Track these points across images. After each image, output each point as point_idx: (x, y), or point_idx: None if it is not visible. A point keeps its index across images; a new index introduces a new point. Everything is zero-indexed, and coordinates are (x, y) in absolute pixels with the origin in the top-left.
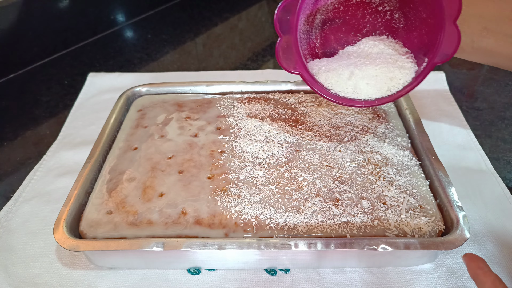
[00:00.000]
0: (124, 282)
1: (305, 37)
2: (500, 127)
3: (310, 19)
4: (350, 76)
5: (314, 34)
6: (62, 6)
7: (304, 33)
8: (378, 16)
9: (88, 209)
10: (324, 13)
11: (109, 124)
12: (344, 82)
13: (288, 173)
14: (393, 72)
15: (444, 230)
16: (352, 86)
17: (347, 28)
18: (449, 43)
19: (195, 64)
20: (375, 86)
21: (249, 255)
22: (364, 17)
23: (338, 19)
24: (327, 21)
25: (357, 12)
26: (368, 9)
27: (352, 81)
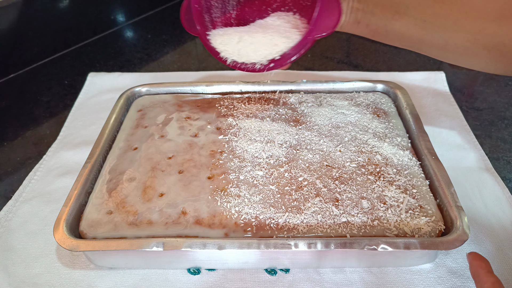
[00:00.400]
0: (124, 282)
1: (220, 6)
2: (500, 127)
3: None
4: (238, 41)
5: (231, 6)
6: (62, 6)
7: (219, 2)
8: None
9: (88, 209)
10: None
11: (109, 124)
12: (233, 46)
13: (288, 173)
14: (276, 40)
15: (444, 230)
16: (240, 50)
17: (260, 2)
18: (329, 19)
19: (195, 64)
20: (259, 52)
21: (249, 255)
22: None
23: None
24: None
25: None
26: None
27: (240, 45)
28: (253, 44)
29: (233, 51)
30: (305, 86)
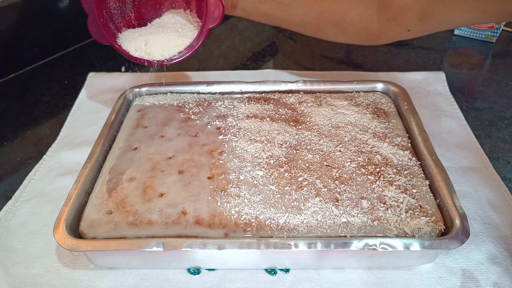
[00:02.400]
0: (124, 282)
1: (119, 12)
2: (500, 127)
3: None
4: (145, 44)
5: (128, 9)
6: (62, 6)
7: (117, 9)
8: None
9: (88, 209)
10: None
11: (109, 124)
12: (142, 49)
13: (288, 173)
14: (178, 39)
15: (444, 230)
16: (148, 52)
17: (152, 2)
18: (215, 11)
19: (195, 64)
20: (165, 50)
21: (249, 255)
22: None
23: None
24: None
25: None
26: None
27: (148, 47)
28: (159, 44)
29: (144, 53)
30: (305, 86)
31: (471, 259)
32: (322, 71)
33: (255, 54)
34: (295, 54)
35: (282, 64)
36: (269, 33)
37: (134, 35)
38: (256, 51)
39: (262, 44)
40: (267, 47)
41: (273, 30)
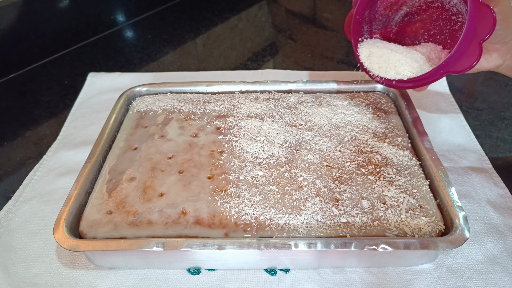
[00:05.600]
0: (124, 282)
1: (383, 20)
2: (500, 127)
3: (394, 7)
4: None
5: (394, 21)
6: (62, 6)
7: (383, 16)
8: (448, 24)
9: (88, 209)
10: (410, 7)
11: (109, 124)
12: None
13: (288, 173)
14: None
15: (444, 230)
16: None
17: (420, 25)
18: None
19: (195, 64)
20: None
21: (249, 255)
22: (437, 20)
23: (418, 15)
24: (408, 14)
25: (434, 14)
26: (444, 15)
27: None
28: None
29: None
30: (305, 86)
31: (471, 259)
32: (322, 71)
33: (255, 54)
34: (295, 54)
35: (282, 64)
36: (269, 33)
37: (376, 44)
38: (256, 51)
39: (262, 44)
40: (267, 47)
41: (273, 30)
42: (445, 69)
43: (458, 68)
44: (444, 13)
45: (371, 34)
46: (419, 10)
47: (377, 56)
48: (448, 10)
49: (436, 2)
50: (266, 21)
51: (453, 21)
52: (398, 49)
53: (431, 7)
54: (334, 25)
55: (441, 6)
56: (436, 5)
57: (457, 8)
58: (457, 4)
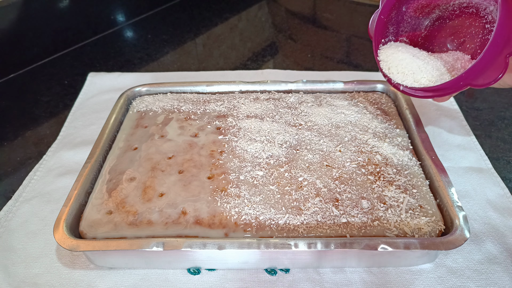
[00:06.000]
0: (124, 282)
1: (413, 23)
2: (500, 127)
3: (426, 10)
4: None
5: (425, 25)
6: (62, 6)
7: (412, 18)
8: (481, 32)
9: (88, 209)
10: (442, 11)
11: (109, 124)
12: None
13: (288, 173)
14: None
15: (444, 230)
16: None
17: (451, 31)
18: (492, 73)
19: (195, 64)
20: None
21: (249, 255)
22: (470, 27)
23: (450, 20)
24: (440, 19)
25: (467, 21)
26: (477, 22)
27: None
28: (405, 66)
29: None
30: (305, 86)
31: (471, 259)
32: (322, 71)
33: (255, 54)
34: (295, 54)
35: (282, 64)
36: (269, 33)
37: (398, 48)
38: (256, 51)
39: (262, 44)
40: (267, 47)
41: (273, 30)
42: (465, 81)
43: (478, 82)
44: (478, 21)
45: (396, 36)
46: (451, 15)
47: (397, 60)
48: (483, 17)
49: (471, 8)
50: (266, 21)
51: (486, 30)
52: (421, 55)
53: (465, 13)
54: (334, 25)
55: (476, 12)
56: (471, 11)
57: (493, 16)
58: (493, 11)
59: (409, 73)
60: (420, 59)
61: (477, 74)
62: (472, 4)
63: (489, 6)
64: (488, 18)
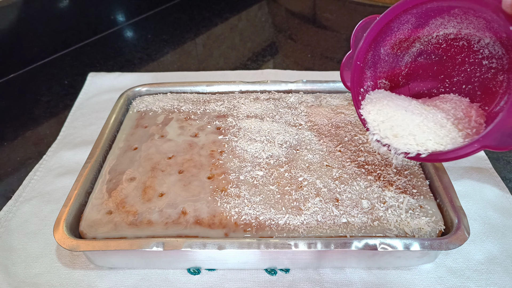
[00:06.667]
0: (124, 282)
1: (390, 60)
2: None
3: (404, 45)
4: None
5: (405, 62)
6: (62, 6)
7: (389, 55)
8: (478, 70)
9: (88, 209)
10: (424, 44)
11: (109, 124)
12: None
13: (288, 173)
14: (433, 134)
15: (444, 230)
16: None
17: (439, 69)
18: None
19: (195, 64)
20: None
21: (249, 255)
22: (463, 64)
23: (435, 55)
24: (423, 53)
25: (458, 56)
26: (471, 57)
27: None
28: (401, 126)
29: (378, 124)
30: (305, 86)
31: (471, 259)
32: (322, 71)
33: (255, 54)
34: (295, 54)
35: (282, 64)
36: (269, 33)
37: (383, 102)
38: (256, 51)
39: (262, 44)
40: (267, 47)
41: (273, 30)
42: (481, 143)
43: (500, 145)
44: (472, 56)
45: (375, 80)
46: (437, 49)
47: (387, 118)
48: (478, 51)
49: (461, 41)
50: (266, 21)
51: (484, 67)
52: (414, 107)
53: (454, 46)
54: (334, 25)
55: (468, 46)
56: (461, 44)
57: (490, 50)
58: (489, 44)
59: (407, 136)
60: (416, 115)
61: (496, 136)
62: (461, 36)
63: (484, 38)
64: (484, 53)
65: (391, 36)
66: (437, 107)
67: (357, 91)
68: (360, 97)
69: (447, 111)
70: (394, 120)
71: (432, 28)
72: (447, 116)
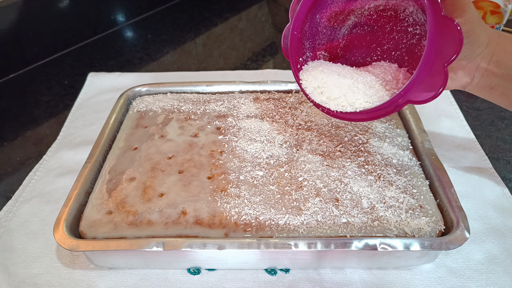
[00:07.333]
0: (124, 282)
1: (328, 33)
2: (500, 127)
3: (340, 17)
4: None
5: (342, 34)
6: (62, 6)
7: (327, 28)
8: (405, 37)
9: (88, 209)
10: (358, 17)
11: (109, 124)
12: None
13: (288, 173)
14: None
15: (444, 230)
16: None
17: (371, 38)
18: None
19: (195, 64)
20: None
21: (249, 255)
22: (391, 32)
23: (368, 26)
24: (357, 25)
25: (387, 25)
26: (398, 26)
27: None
28: (339, 89)
29: (314, 89)
30: None
31: (471, 259)
32: None
33: (255, 54)
34: None
35: (282, 64)
36: (269, 33)
37: (319, 68)
38: (256, 51)
39: (262, 44)
40: (267, 47)
41: (273, 30)
42: (404, 98)
43: (421, 98)
44: (398, 24)
45: (314, 51)
46: (369, 21)
47: (322, 82)
48: (404, 20)
49: (389, 11)
50: (266, 21)
51: (410, 34)
52: (347, 72)
53: (383, 17)
54: None
55: (395, 15)
56: (389, 14)
57: (414, 17)
58: (413, 13)
59: (340, 96)
60: (348, 78)
61: (417, 88)
62: (389, 6)
63: (408, 7)
64: (409, 21)
65: (326, 9)
66: (368, 72)
67: (296, 60)
68: (298, 66)
69: (377, 75)
70: (328, 85)
71: (364, 1)
72: (376, 79)
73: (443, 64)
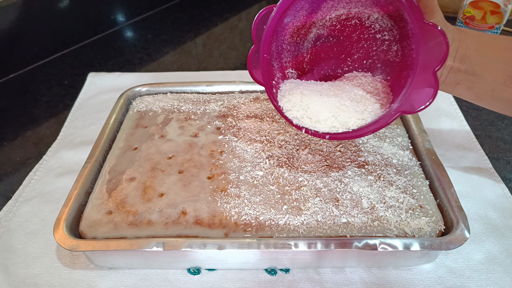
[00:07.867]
0: (124, 282)
1: (292, 49)
2: (500, 127)
3: (302, 31)
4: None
5: (306, 48)
6: (62, 6)
7: (290, 44)
8: (374, 44)
9: (88, 209)
10: (320, 28)
11: (109, 124)
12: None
13: (288, 173)
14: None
15: (444, 230)
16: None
17: (339, 49)
18: (423, 93)
19: (195, 64)
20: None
21: (249, 255)
22: (359, 41)
23: (333, 37)
24: (321, 37)
25: (353, 34)
26: (365, 34)
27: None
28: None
29: (300, 114)
30: None
31: (471, 259)
32: None
33: None
34: None
35: None
36: None
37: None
38: None
39: None
40: None
41: None
42: (398, 110)
43: (414, 107)
44: (365, 32)
45: (282, 71)
46: (333, 32)
47: (305, 106)
48: (370, 27)
49: (352, 19)
50: None
51: (379, 40)
52: (326, 89)
53: (348, 26)
54: None
55: (360, 23)
56: (354, 23)
57: (380, 24)
58: (378, 19)
59: (330, 118)
60: (331, 96)
61: (410, 99)
62: (351, 15)
63: (373, 13)
64: (375, 27)
65: (289, 24)
66: (345, 85)
67: (270, 84)
68: (274, 90)
69: (357, 87)
70: (313, 107)
71: (324, 12)
72: (359, 92)
73: (433, 70)
